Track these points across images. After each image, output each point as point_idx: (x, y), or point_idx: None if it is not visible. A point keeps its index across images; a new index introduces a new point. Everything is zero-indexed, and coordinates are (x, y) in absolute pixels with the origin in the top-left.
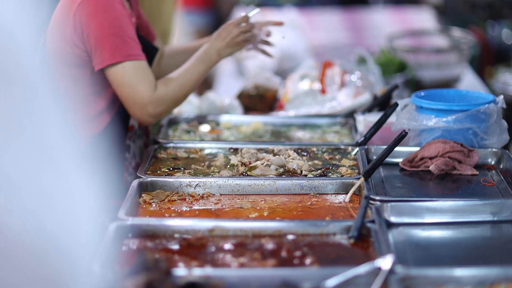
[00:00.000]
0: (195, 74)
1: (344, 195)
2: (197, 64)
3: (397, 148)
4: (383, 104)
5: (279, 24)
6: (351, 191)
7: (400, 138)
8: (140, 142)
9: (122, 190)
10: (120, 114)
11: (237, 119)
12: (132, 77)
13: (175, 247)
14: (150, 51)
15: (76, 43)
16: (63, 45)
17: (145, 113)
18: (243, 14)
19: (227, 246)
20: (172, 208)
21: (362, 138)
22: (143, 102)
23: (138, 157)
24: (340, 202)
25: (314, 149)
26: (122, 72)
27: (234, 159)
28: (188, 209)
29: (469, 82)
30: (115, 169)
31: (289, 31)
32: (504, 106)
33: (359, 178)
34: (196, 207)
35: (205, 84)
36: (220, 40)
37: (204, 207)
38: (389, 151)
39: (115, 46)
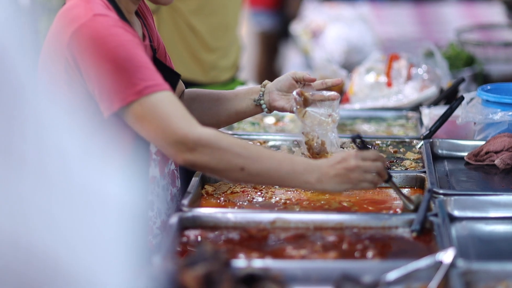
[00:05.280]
0: (272, 166)
1: (408, 189)
2: (286, 161)
3: (463, 142)
4: (450, 98)
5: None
6: None
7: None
8: (166, 194)
9: (145, 257)
10: (138, 163)
11: None
12: (158, 113)
13: (236, 238)
14: (170, 78)
15: (72, 85)
16: (56, 90)
17: (182, 148)
18: (377, 152)
19: (288, 238)
20: (233, 201)
21: (427, 132)
22: (178, 137)
23: (165, 214)
24: None
25: (379, 142)
26: (140, 110)
27: (297, 152)
28: (248, 203)
29: None
30: (136, 232)
31: (357, 24)
32: None
33: (423, 172)
34: (258, 199)
35: (271, 77)
36: (330, 165)
37: (266, 200)
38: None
39: (125, 83)
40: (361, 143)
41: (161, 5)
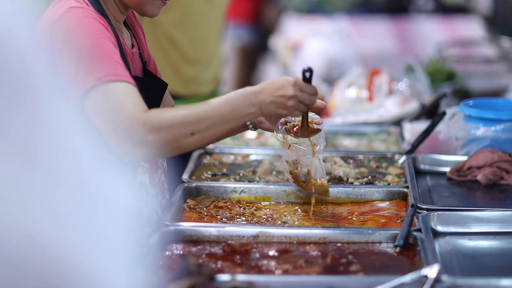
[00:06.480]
0: (215, 116)
1: (388, 202)
2: (224, 106)
3: (445, 157)
4: (431, 113)
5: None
6: None
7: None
8: (156, 203)
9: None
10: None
11: None
12: (111, 99)
13: (219, 252)
14: (158, 87)
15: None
16: None
17: (129, 140)
18: (316, 89)
19: (272, 252)
20: (215, 216)
21: (410, 147)
22: (128, 124)
23: (156, 224)
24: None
25: (361, 156)
26: (95, 98)
27: (279, 166)
28: (231, 215)
29: None
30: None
31: (337, 39)
32: None
33: (406, 187)
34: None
35: None
36: (268, 92)
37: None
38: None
39: (86, 71)
40: (310, 78)
41: (148, 17)
